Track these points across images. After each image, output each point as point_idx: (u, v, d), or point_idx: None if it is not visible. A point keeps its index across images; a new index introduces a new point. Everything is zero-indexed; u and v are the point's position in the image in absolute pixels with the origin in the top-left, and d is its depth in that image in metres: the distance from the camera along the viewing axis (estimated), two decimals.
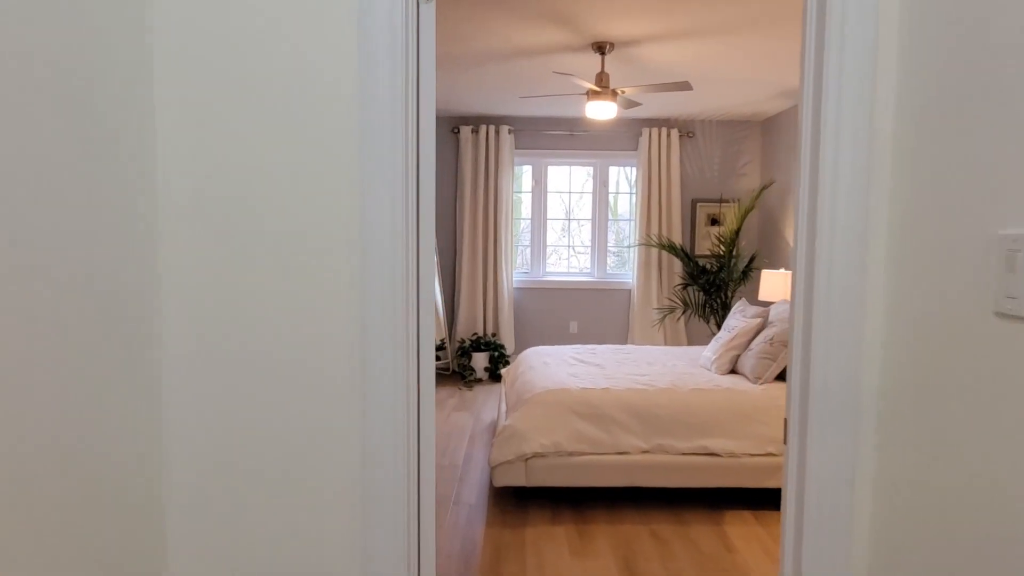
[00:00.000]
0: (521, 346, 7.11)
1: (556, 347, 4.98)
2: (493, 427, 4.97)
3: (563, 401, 3.57)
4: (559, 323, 7.09)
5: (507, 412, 3.95)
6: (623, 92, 4.10)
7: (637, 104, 4.52)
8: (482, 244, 6.86)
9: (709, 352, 4.25)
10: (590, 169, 7.06)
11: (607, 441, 3.49)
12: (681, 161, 6.89)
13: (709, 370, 4.15)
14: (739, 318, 4.30)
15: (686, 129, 6.84)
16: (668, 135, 6.74)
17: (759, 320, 4.08)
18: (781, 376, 3.84)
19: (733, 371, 4.10)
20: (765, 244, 6.58)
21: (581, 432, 3.50)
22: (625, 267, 7.16)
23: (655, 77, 4.79)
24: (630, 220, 7.09)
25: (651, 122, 6.85)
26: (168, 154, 1.43)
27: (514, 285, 7.05)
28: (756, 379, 3.76)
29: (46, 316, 1.11)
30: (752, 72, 4.84)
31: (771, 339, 3.81)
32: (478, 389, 6.22)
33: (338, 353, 1.47)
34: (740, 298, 6.67)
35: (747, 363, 3.89)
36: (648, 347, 5.01)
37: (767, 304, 6.02)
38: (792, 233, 5.95)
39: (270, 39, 1.40)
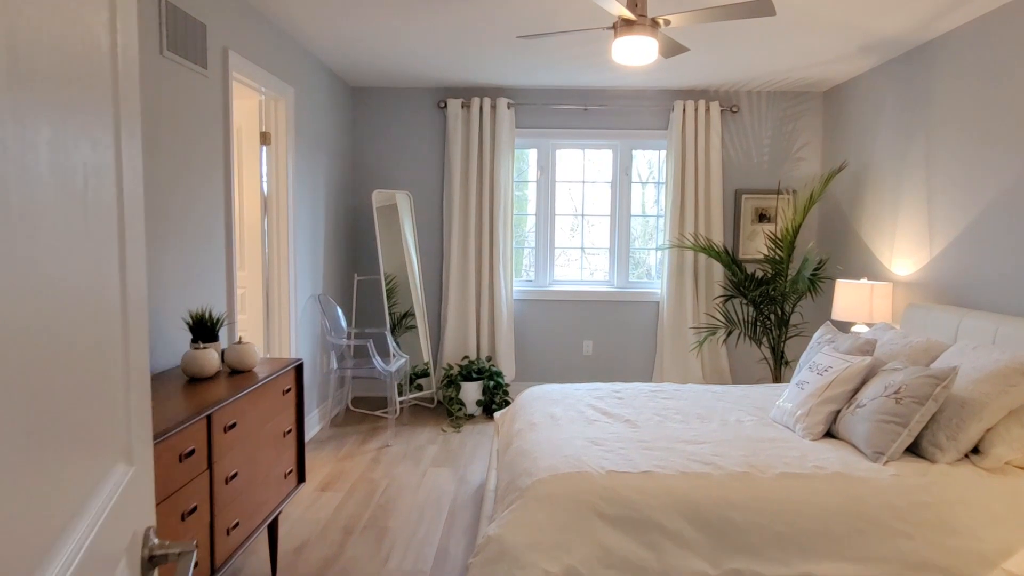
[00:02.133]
0: (523, 373, 5.78)
1: (568, 388, 3.65)
2: (483, 494, 3.64)
3: (581, 496, 2.25)
4: (570, 344, 5.75)
5: (496, 498, 2.63)
6: (667, 22, 2.77)
7: (684, 50, 3.18)
8: (475, 246, 5.53)
9: (788, 402, 2.91)
10: (609, 153, 5.72)
11: (654, 566, 2.16)
12: (723, 142, 5.53)
13: (792, 430, 2.81)
14: (831, 353, 2.96)
15: (729, 102, 5.49)
16: (707, 110, 5.39)
17: (868, 360, 2.73)
18: (913, 448, 2.49)
19: (829, 433, 2.76)
20: (831, 246, 5.22)
21: (611, 550, 2.18)
22: (652, 275, 5.82)
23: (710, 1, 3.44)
24: (659, 216, 5.75)
25: (685, 93, 5.51)
26: None
27: (514, 297, 5.72)
28: (876, 454, 2.42)
29: None
30: (834, 7, 3.48)
31: (898, 391, 2.46)
32: (468, 430, 4.90)
33: None
34: (824, 323, 5.31)
35: (856, 426, 2.55)
36: (693, 387, 3.67)
37: (845, 325, 4.66)
38: (873, 232, 4.80)
39: None
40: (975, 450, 2.41)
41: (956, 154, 3.67)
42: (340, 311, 4.92)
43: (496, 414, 3.81)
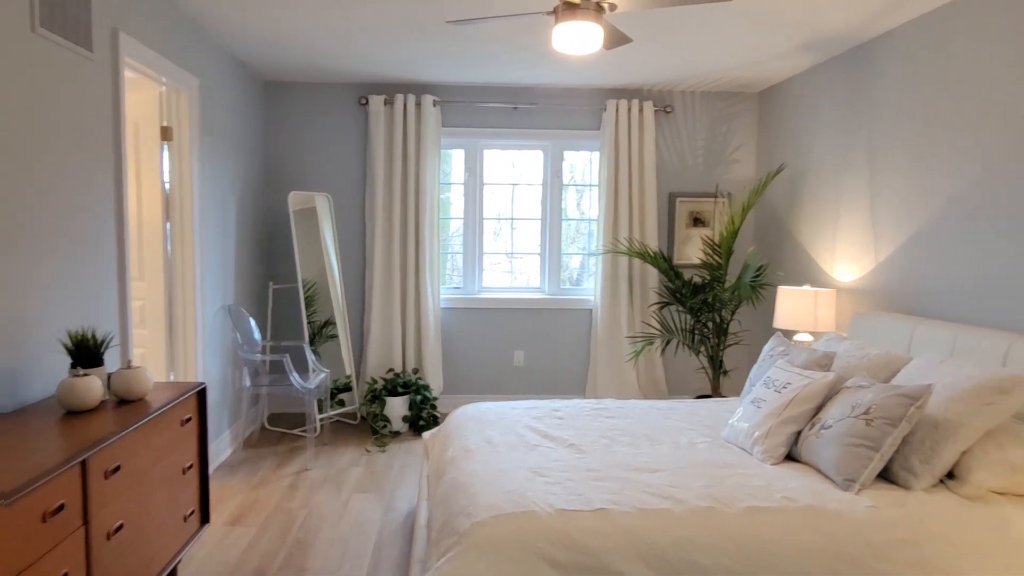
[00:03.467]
0: (452, 386, 5.47)
1: (504, 406, 3.38)
2: (412, 525, 3.33)
3: (528, 540, 1.98)
4: (500, 354, 5.49)
5: (428, 538, 2.32)
6: (612, 7, 2.54)
7: (627, 40, 2.97)
8: (399, 252, 5.19)
9: (743, 422, 2.74)
10: (539, 154, 5.49)
11: None
12: (657, 144, 5.40)
13: (750, 453, 2.63)
14: (787, 368, 2.80)
15: (663, 102, 5.36)
16: (641, 110, 5.23)
17: (831, 376, 2.58)
18: (883, 473, 2.35)
19: (790, 456, 2.59)
20: (769, 251, 5.16)
21: None
22: (586, 281, 5.62)
23: None
24: (584, 219, 5.56)
25: (618, 92, 5.34)
26: None
27: (441, 305, 5.41)
28: (847, 482, 2.25)
29: None
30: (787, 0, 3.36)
31: (867, 411, 2.31)
32: (394, 449, 4.56)
33: None
34: (766, 331, 5.22)
35: (822, 450, 2.38)
36: (637, 403, 3.46)
37: (788, 334, 4.58)
38: (813, 237, 4.73)
39: None
40: (950, 475, 2.28)
41: (901, 156, 3.61)
42: (253, 323, 4.49)
43: (425, 434, 3.50)
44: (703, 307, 4.69)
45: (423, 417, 4.93)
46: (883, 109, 3.75)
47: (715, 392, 4.77)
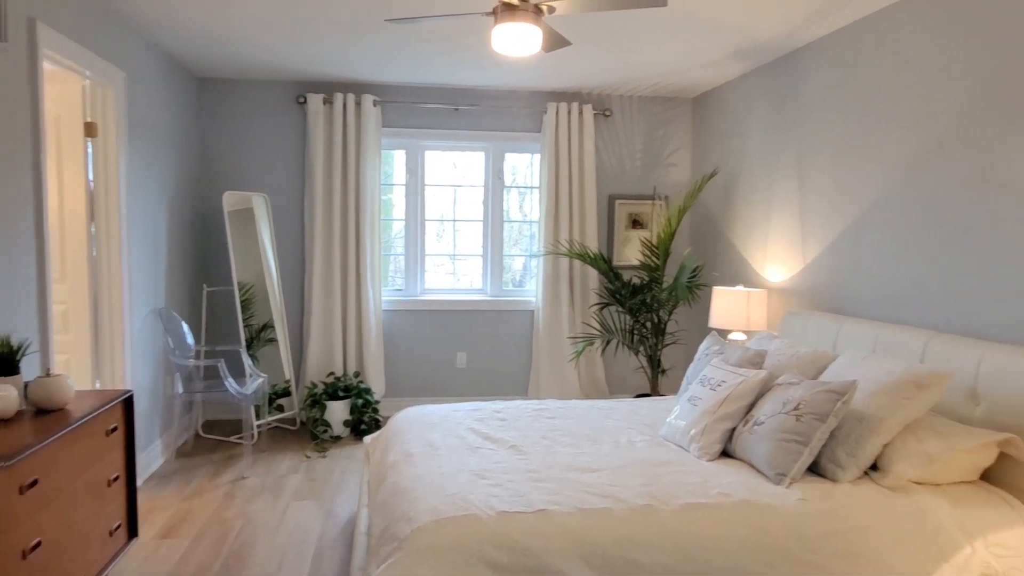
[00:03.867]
0: (394, 388, 5.42)
1: (446, 409, 3.36)
2: (353, 532, 3.27)
3: (470, 544, 1.97)
4: (443, 356, 5.46)
5: (368, 545, 2.29)
6: (551, 9, 2.56)
7: (566, 43, 2.99)
8: (339, 253, 5.11)
9: (680, 420, 2.79)
10: (481, 155, 5.49)
11: None
12: (597, 147, 5.47)
13: (687, 450, 2.69)
14: (722, 366, 2.87)
15: (602, 106, 5.43)
16: (580, 113, 5.29)
17: (763, 374, 2.66)
18: (812, 467, 2.43)
19: (725, 452, 2.65)
20: (705, 252, 5.28)
21: None
22: (528, 282, 5.65)
23: None
24: (534, 222, 5.59)
25: (558, 95, 5.39)
26: None
27: (383, 307, 5.35)
28: (779, 476, 2.32)
29: None
30: (715, 7, 3.45)
31: (797, 407, 2.39)
32: (334, 454, 4.48)
33: None
34: (701, 331, 5.33)
35: (755, 446, 2.45)
36: (578, 403, 3.49)
37: (723, 333, 4.69)
38: (746, 239, 4.87)
39: None
40: (874, 466, 2.38)
41: (827, 161, 3.75)
42: (186, 327, 4.34)
43: (367, 438, 3.46)
44: (642, 307, 4.77)
45: (365, 421, 4.86)
46: (809, 116, 3.89)
47: (654, 391, 4.86)
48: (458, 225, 5.52)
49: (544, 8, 2.57)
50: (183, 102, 4.70)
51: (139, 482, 3.87)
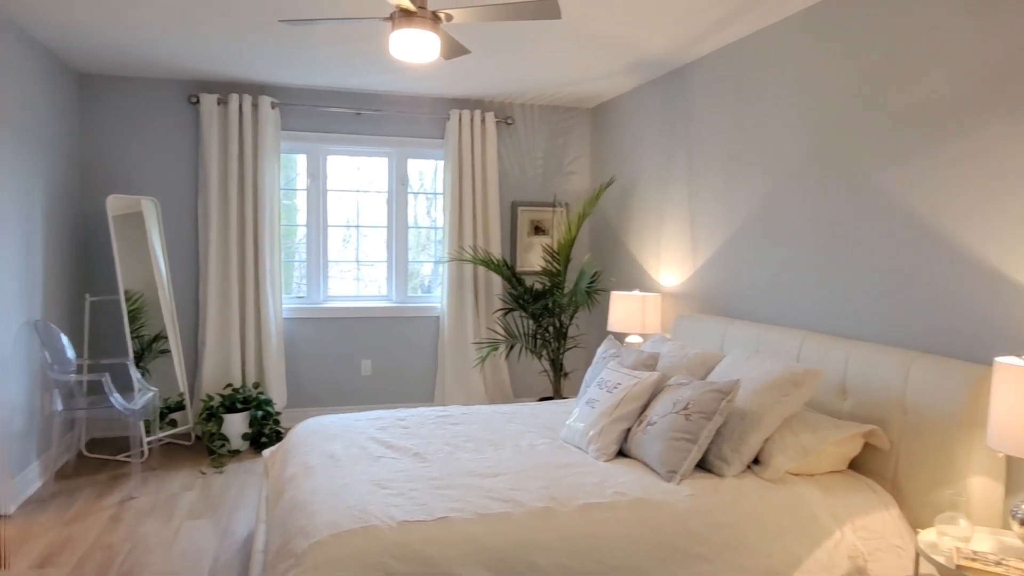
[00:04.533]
0: (296, 399, 5.28)
1: (348, 418, 3.32)
2: (250, 550, 3.17)
3: (370, 557, 1.96)
4: (347, 364, 5.38)
5: (264, 563, 2.24)
6: (449, 17, 2.59)
7: (465, 51, 3.03)
8: (237, 260, 4.94)
9: (579, 422, 2.88)
10: (384, 161, 5.45)
11: None
12: (499, 154, 5.54)
13: (585, 452, 2.78)
14: (617, 369, 2.99)
15: (504, 114, 5.51)
16: (483, 120, 5.35)
17: (655, 375, 2.78)
18: (701, 463, 2.56)
19: (622, 452, 2.76)
20: (604, 258, 5.45)
21: None
22: (429, 288, 5.65)
23: None
24: (434, 228, 5.60)
25: (461, 102, 5.42)
26: None
27: (284, 315, 5.21)
28: (670, 473, 2.44)
29: None
30: (607, 22, 3.58)
31: (686, 406, 2.51)
32: (232, 469, 4.32)
33: None
34: (600, 334, 5.47)
35: (648, 445, 2.56)
36: (481, 408, 3.53)
37: (621, 336, 4.85)
38: (641, 245, 5.06)
39: None
40: (756, 460, 2.53)
41: (714, 171, 3.96)
42: (66, 339, 4.08)
43: (265, 452, 3.36)
44: (544, 312, 4.87)
45: (266, 434, 4.72)
46: (698, 127, 4.10)
47: (556, 394, 4.97)
48: (365, 231, 5.46)
49: (442, 16, 2.59)
50: (60, 99, 4.42)
51: (11, 509, 3.60)
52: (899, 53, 2.72)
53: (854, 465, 2.64)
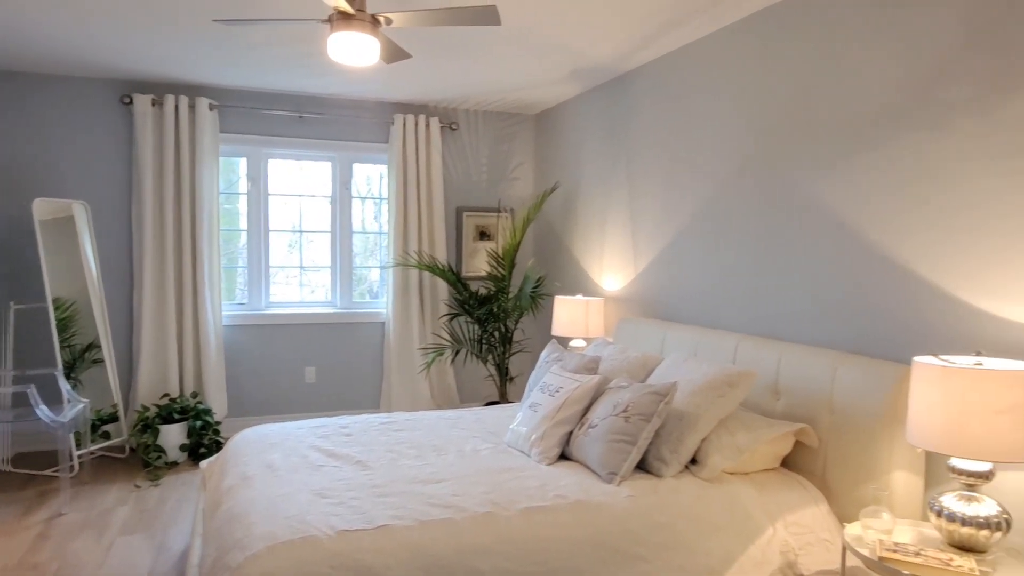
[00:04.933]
0: (237, 407, 5.17)
1: (289, 427, 3.26)
2: (185, 564, 3.08)
3: (308, 569, 1.93)
4: (290, 371, 5.28)
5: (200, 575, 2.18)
6: (388, 21, 2.58)
7: (406, 56, 3.03)
8: (174, 266, 4.80)
9: (522, 426, 2.90)
10: (328, 165, 5.38)
11: None
12: (444, 159, 5.53)
13: (528, 456, 2.80)
14: (560, 373, 3.02)
15: (448, 119, 5.51)
16: (427, 125, 5.34)
17: (596, 378, 2.82)
18: (640, 464, 2.61)
19: (564, 455, 2.79)
20: (548, 263, 5.49)
21: None
22: (377, 294, 5.60)
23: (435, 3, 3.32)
24: (383, 233, 5.55)
25: (405, 107, 5.40)
26: None
27: (224, 322, 5.09)
28: (610, 475, 2.48)
29: None
30: (550, 29, 3.63)
31: (626, 409, 2.56)
32: (169, 482, 4.20)
33: None
34: (545, 339, 5.50)
35: (589, 447, 2.60)
36: (426, 414, 3.52)
37: (565, 340, 4.90)
38: (584, 250, 5.12)
39: None
40: (693, 460, 2.59)
41: (654, 178, 4.04)
42: None
43: (203, 463, 3.28)
44: (489, 317, 4.89)
45: (205, 444, 4.60)
46: (638, 135, 4.19)
47: (502, 398, 4.98)
48: (311, 236, 5.37)
49: (381, 19, 2.59)
50: None
51: None
52: (830, 64, 2.83)
53: (786, 463, 2.73)
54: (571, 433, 2.76)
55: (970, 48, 2.28)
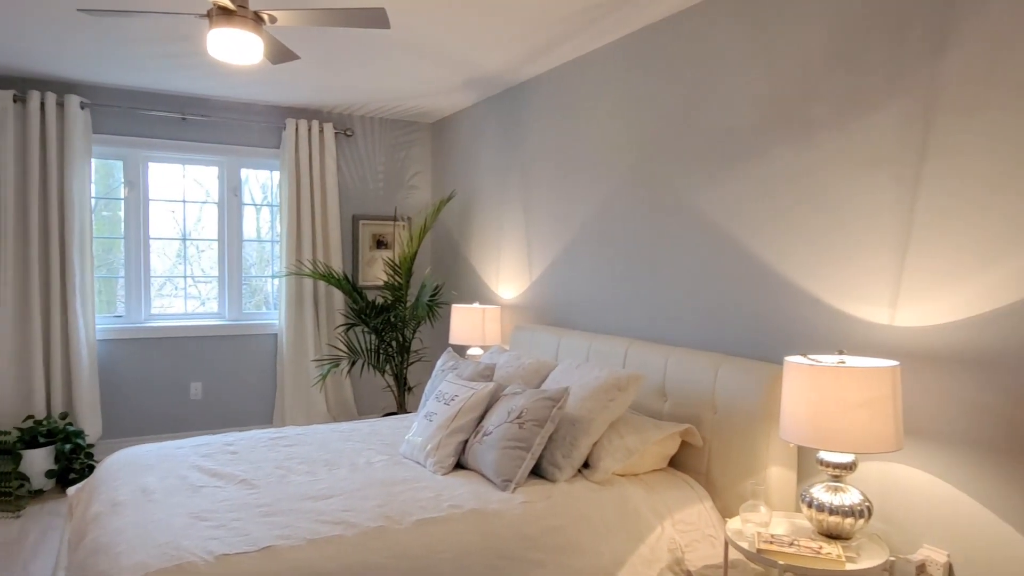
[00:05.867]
0: (113, 428, 4.83)
1: (168, 446, 3.08)
2: None
3: None
4: (174, 388, 4.99)
5: None
6: (272, 19, 2.50)
7: (294, 57, 2.93)
8: (39, 277, 4.44)
9: (417, 436, 2.86)
10: (215, 170, 5.14)
11: None
12: (339, 166, 5.41)
13: (424, 466, 2.76)
14: (455, 381, 3.00)
15: (343, 125, 5.40)
16: (321, 131, 5.20)
17: (491, 385, 2.82)
18: (535, 470, 2.63)
19: (460, 464, 2.77)
20: (446, 272, 5.47)
21: None
22: (269, 305, 5.39)
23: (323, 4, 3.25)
24: (274, 241, 5.36)
25: (298, 111, 5.25)
26: None
27: (99, 337, 4.75)
28: (505, 482, 2.48)
29: None
30: (441, 38, 3.63)
31: (520, 415, 2.57)
32: (33, 512, 3.86)
33: None
34: (443, 348, 5.43)
35: (484, 455, 2.59)
36: (318, 428, 3.41)
37: (462, 349, 4.88)
38: (481, 258, 5.12)
39: None
40: (586, 464, 2.63)
41: (547, 187, 4.10)
42: None
43: (70, 490, 3.03)
44: (387, 327, 4.80)
45: (75, 469, 4.27)
46: (532, 145, 4.25)
47: (401, 408, 4.91)
48: (203, 245, 5.10)
49: (265, 17, 2.49)
50: None
51: None
52: (707, 81, 2.97)
53: (674, 462, 2.83)
54: (467, 442, 2.74)
55: (830, 70, 2.45)
